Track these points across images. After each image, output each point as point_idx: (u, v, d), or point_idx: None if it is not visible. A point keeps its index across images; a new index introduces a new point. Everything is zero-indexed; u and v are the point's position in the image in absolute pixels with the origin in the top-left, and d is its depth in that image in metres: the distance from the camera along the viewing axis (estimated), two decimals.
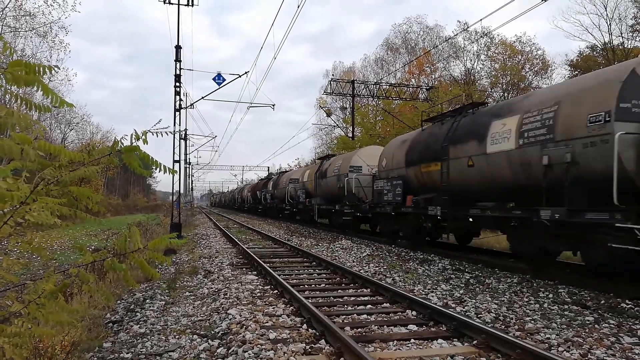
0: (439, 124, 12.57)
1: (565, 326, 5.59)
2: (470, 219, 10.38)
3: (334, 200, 19.83)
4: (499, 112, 9.89)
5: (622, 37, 29.84)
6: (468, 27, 32.81)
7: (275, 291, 7.61)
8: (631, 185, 6.81)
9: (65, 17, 46.45)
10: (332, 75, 44.84)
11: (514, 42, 35.22)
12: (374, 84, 32.07)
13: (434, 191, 11.92)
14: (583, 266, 8.93)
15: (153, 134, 2.49)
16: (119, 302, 7.42)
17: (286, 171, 38.43)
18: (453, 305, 6.63)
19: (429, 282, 8.55)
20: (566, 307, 6.53)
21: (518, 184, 9.08)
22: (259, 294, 7.39)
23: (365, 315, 6.07)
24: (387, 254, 12.50)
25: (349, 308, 6.52)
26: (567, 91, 8.32)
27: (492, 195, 9.88)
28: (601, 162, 7.05)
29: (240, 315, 5.97)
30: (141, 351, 4.95)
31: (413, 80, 38.89)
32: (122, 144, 2.45)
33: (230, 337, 5.17)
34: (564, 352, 4.70)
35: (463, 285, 8.26)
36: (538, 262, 8.99)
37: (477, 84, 36.25)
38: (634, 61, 7.49)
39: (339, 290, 7.74)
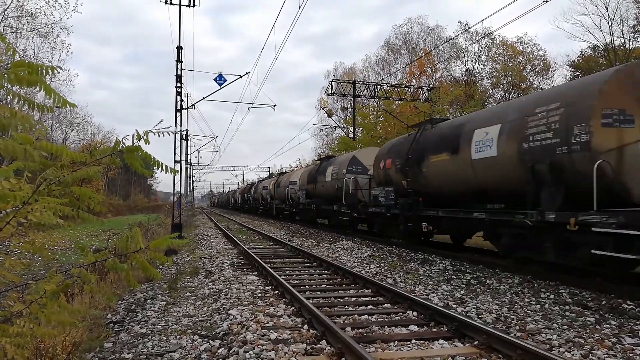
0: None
1: (566, 327, 5.58)
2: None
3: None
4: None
5: (624, 37, 29.87)
6: (469, 27, 32.85)
7: (276, 292, 7.61)
8: None
9: (67, 18, 46.48)
10: (333, 76, 44.82)
11: (515, 42, 35.24)
12: (374, 85, 32.08)
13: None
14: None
15: (154, 134, 2.50)
16: (120, 302, 7.43)
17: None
18: (454, 306, 6.63)
19: (430, 282, 8.55)
20: (567, 307, 6.52)
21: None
22: (260, 295, 7.39)
23: (366, 316, 6.07)
24: (388, 254, 12.50)
25: (350, 309, 6.52)
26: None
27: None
28: None
29: (241, 316, 5.97)
30: (142, 351, 4.95)
31: (414, 80, 38.90)
32: (124, 144, 2.46)
33: (231, 337, 5.17)
34: (565, 352, 4.69)
35: (464, 285, 8.26)
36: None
37: (478, 84, 36.24)
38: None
39: (340, 291, 7.74)
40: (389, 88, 32.00)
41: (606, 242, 6.63)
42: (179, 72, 20.94)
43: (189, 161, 45.07)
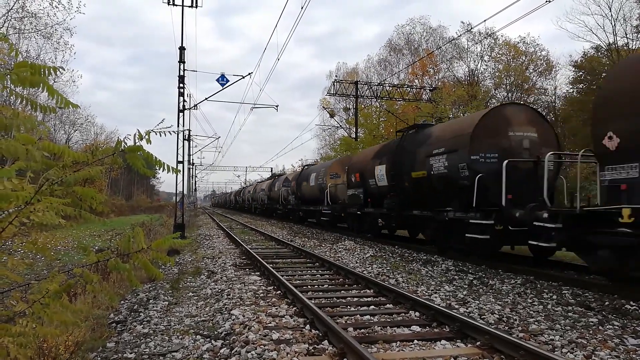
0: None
1: (569, 327, 5.57)
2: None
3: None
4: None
5: (627, 37, 29.76)
6: (472, 28, 32.81)
7: (279, 292, 7.61)
8: None
9: (70, 19, 46.62)
10: (336, 76, 44.84)
11: (518, 42, 35.19)
12: (377, 85, 32.07)
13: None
14: (586, 267, 9.04)
15: (156, 134, 2.50)
16: (122, 302, 7.44)
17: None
18: (456, 306, 6.62)
19: (432, 283, 8.54)
20: (570, 308, 6.51)
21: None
22: (262, 295, 7.40)
23: (368, 316, 6.07)
24: (390, 254, 12.49)
25: (352, 309, 6.52)
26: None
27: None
28: None
29: (244, 316, 5.97)
30: (144, 351, 4.96)
31: (416, 81, 38.88)
32: (126, 144, 2.46)
33: (234, 337, 5.17)
34: (568, 353, 4.68)
35: (466, 286, 8.25)
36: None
37: (480, 85, 36.19)
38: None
39: (342, 291, 7.74)
40: (391, 88, 31.98)
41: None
42: (181, 73, 20.98)
43: (191, 161, 45.11)
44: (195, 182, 67.38)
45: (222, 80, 22.20)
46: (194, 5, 21.42)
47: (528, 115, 10.67)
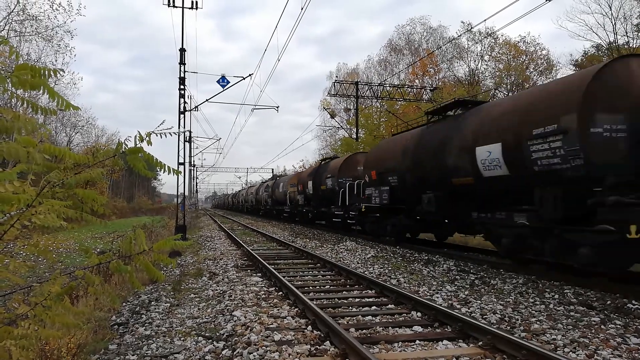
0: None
1: (571, 327, 5.56)
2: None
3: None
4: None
5: (627, 36, 29.74)
6: (472, 27, 32.80)
7: (280, 293, 7.61)
8: None
9: (71, 21, 46.70)
10: (336, 76, 44.89)
11: (519, 42, 35.17)
12: (377, 85, 32.06)
13: None
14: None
15: (157, 135, 2.50)
16: (124, 304, 7.45)
17: (284, 175, 40.33)
18: (458, 306, 6.61)
19: (434, 283, 8.53)
20: (572, 307, 6.50)
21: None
22: (263, 296, 7.40)
23: (370, 317, 6.07)
24: (391, 255, 12.48)
25: (354, 309, 6.51)
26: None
27: None
28: None
29: (245, 317, 5.97)
30: (147, 353, 4.96)
31: (417, 81, 38.87)
32: (126, 145, 2.46)
33: (235, 338, 5.17)
34: (570, 353, 4.67)
35: (468, 286, 8.24)
36: None
37: (481, 84, 36.17)
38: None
39: (344, 292, 7.74)
40: (391, 89, 31.96)
41: None
42: (182, 74, 21.01)
43: (192, 163, 45.14)
44: (197, 183, 67.49)
45: (223, 81, 22.24)
46: (194, 7, 21.47)
47: None
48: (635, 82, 7.23)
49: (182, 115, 21.11)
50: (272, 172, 69.10)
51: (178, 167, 20.89)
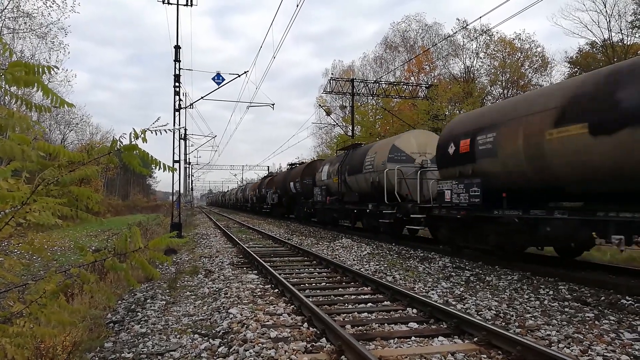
0: None
1: (565, 323, 5.60)
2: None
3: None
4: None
5: (622, 33, 29.82)
6: (467, 25, 32.81)
7: (276, 290, 7.62)
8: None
9: (65, 18, 46.35)
10: (332, 74, 44.70)
11: (514, 39, 35.18)
12: (373, 83, 32.03)
13: None
14: (583, 263, 9.15)
15: (152, 133, 2.49)
16: (119, 302, 7.43)
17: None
18: (453, 303, 6.64)
19: (430, 280, 8.56)
20: (566, 303, 6.54)
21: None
22: (259, 293, 7.40)
23: (365, 314, 6.08)
24: (387, 252, 12.51)
25: (350, 306, 6.53)
26: None
27: None
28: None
29: (241, 314, 5.98)
30: (142, 351, 4.96)
31: (412, 78, 38.88)
32: (121, 142, 2.46)
33: (232, 336, 5.18)
34: (565, 348, 4.71)
35: (463, 282, 8.27)
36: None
37: (476, 81, 36.21)
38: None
39: (340, 289, 7.76)
40: (387, 86, 31.94)
41: None
42: (177, 72, 20.91)
43: (187, 160, 44.99)
44: (192, 181, 67.33)
45: (218, 78, 22.13)
46: (189, 4, 21.35)
47: None
48: None
49: (177, 113, 21.04)
50: (268, 169, 69.05)
51: (173, 165, 20.82)
